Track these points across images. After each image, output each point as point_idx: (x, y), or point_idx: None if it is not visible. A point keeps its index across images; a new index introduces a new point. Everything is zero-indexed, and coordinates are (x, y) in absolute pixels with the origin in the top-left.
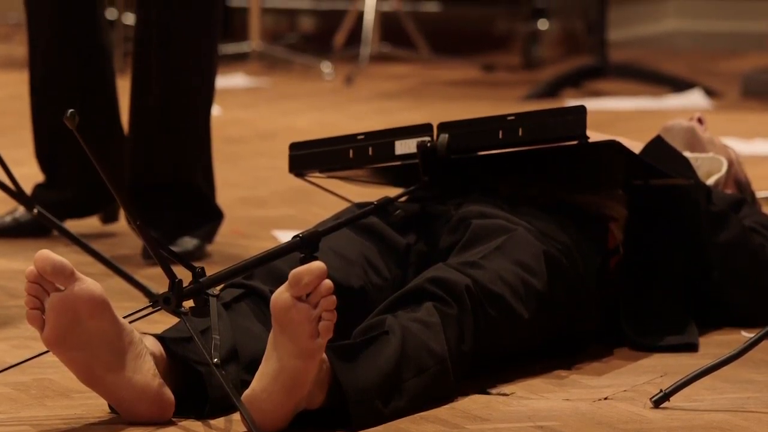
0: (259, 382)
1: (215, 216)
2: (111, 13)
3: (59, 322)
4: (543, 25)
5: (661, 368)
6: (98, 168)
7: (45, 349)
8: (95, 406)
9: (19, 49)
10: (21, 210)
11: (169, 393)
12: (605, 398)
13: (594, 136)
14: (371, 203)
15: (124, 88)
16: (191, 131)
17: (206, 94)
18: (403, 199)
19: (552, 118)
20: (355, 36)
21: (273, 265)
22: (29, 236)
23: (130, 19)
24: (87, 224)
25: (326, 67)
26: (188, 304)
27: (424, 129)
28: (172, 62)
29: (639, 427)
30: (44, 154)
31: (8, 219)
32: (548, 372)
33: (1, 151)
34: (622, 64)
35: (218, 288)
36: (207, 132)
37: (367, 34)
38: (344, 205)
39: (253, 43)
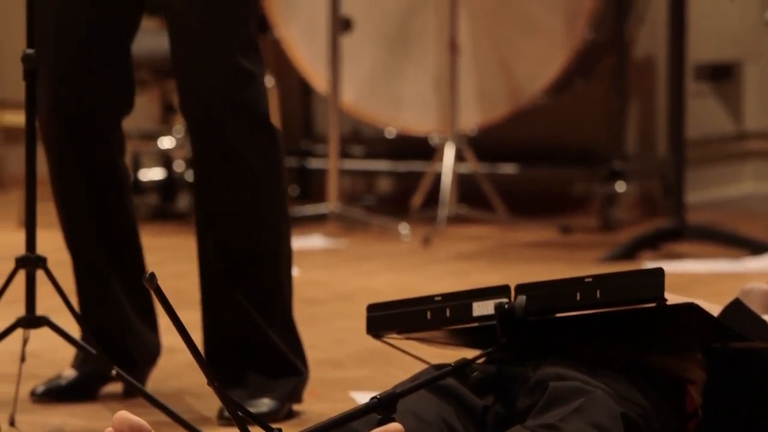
0: None
1: (297, 375)
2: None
3: None
4: (620, 187)
5: None
6: (177, 327)
7: None
8: None
9: None
10: (69, 371)
11: None
12: None
13: (672, 298)
14: (449, 365)
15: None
16: (264, 290)
17: (277, 251)
18: (480, 360)
19: (630, 281)
20: (432, 197)
21: (350, 426)
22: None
23: None
24: (163, 385)
25: (404, 228)
26: None
27: (501, 291)
28: (235, 227)
29: None
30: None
31: (63, 382)
32: None
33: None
34: (699, 227)
35: None
36: (281, 289)
37: (445, 195)
38: (421, 366)
39: (331, 204)
